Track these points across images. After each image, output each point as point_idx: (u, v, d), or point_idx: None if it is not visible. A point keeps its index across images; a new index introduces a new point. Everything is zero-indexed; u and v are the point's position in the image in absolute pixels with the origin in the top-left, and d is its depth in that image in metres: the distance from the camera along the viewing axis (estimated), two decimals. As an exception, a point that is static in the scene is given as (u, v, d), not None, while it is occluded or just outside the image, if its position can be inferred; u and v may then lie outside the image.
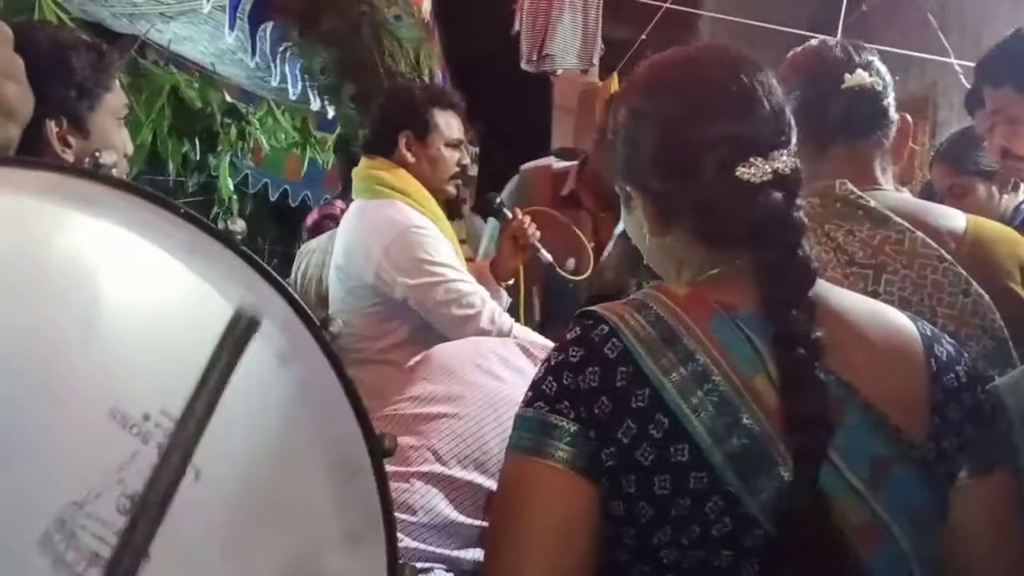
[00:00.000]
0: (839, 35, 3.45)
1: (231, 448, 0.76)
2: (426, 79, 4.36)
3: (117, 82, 1.71)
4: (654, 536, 0.98)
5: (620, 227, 1.81)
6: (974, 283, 1.37)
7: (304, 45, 4.28)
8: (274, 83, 5.03)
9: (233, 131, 5.56)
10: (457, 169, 2.62)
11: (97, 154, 0.74)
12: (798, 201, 1.06)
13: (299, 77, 4.87)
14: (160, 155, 5.39)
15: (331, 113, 5.24)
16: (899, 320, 1.10)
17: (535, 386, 1.02)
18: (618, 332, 1.01)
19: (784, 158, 1.04)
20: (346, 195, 3.66)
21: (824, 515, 0.97)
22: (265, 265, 0.74)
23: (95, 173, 0.73)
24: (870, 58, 1.56)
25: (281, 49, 4.32)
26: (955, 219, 1.51)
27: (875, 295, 1.36)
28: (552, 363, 1.03)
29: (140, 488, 0.70)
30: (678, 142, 1.06)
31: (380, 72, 4.23)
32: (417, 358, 1.60)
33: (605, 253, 2.15)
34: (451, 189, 2.63)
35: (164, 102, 4.93)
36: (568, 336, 1.05)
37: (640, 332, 1.01)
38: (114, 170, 0.75)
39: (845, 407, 1.00)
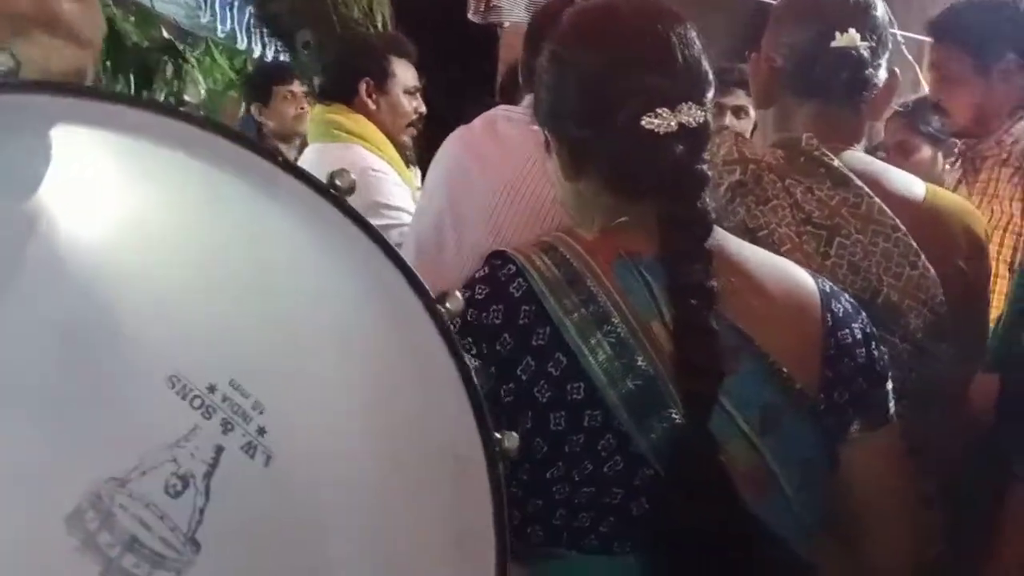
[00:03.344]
0: None
1: (314, 434, 0.66)
2: (379, 26, 4.26)
3: None
4: (547, 471, 1.01)
5: None
6: (923, 256, 1.37)
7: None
8: (204, 19, 4.77)
9: (169, 69, 5.29)
10: (415, 116, 2.67)
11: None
12: (704, 155, 1.07)
13: (229, 13, 4.64)
14: (92, 90, 5.05)
15: (257, 52, 5.03)
16: (798, 275, 1.12)
17: None
18: (524, 272, 1.03)
19: (693, 111, 1.04)
20: None
21: (712, 458, 1.00)
22: (377, 230, 0.64)
23: (185, 113, 0.61)
24: (874, 12, 1.46)
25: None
26: (915, 186, 1.49)
27: (826, 256, 1.37)
28: None
29: (196, 468, 0.60)
30: (590, 90, 1.06)
31: (333, 18, 4.10)
32: None
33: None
34: (406, 137, 2.67)
35: (98, 35, 4.61)
36: (476, 275, 1.07)
37: (546, 273, 1.03)
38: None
39: (739, 355, 1.02)
